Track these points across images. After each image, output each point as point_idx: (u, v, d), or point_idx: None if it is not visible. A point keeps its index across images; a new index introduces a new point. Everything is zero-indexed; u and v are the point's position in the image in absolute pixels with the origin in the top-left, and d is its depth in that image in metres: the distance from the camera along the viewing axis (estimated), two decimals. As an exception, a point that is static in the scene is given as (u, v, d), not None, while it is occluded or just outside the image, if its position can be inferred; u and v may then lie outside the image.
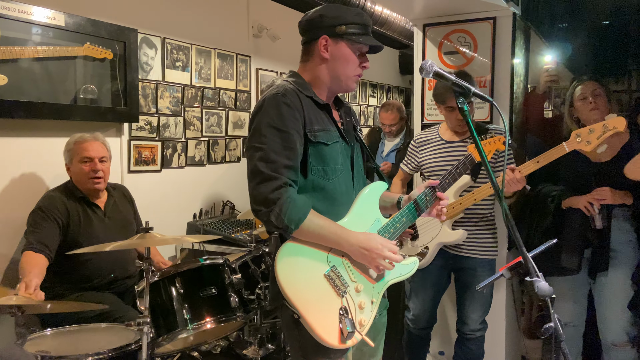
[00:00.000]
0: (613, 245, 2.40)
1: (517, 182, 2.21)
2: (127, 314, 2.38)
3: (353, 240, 1.55)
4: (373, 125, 5.97)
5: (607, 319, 2.45)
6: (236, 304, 2.23)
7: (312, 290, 1.51)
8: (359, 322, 1.56)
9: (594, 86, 2.47)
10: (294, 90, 1.60)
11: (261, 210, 1.50)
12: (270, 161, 1.51)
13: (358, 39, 1.63)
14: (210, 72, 3.76)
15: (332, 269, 1.56)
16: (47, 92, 2.68)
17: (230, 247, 3.23)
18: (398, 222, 1.70)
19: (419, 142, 2.64)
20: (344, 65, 1.65)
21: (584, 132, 2.16)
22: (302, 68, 1.71)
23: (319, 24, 1.64)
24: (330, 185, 1.62)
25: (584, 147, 2.16)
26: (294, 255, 1.53)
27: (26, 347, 1.92)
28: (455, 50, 2.93)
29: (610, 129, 2.13)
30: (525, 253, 1.44)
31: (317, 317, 1.49)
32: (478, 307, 2.53)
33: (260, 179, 1.50)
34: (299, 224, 1.50)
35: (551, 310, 1.40)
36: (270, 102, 1.56)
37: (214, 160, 3.85)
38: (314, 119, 1.60)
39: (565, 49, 3.63)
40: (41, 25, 2.60)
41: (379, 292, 1.64)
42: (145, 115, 3.27)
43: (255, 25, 4.13)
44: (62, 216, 2.45)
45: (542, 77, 3.10)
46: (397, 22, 4.46)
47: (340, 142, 1.67)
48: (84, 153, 2.54)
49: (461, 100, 1.54)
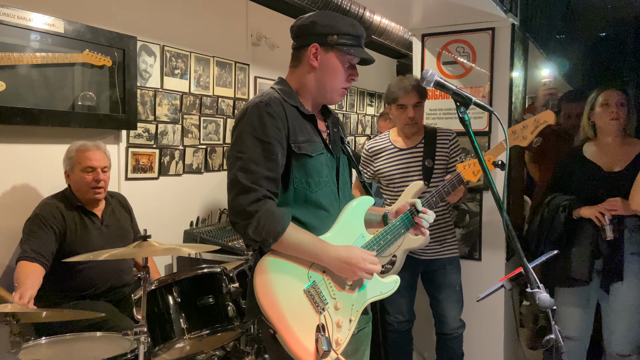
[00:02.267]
0: (624, 256, 2.39)
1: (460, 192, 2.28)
2: (122, 323, 2.35)
3: (333, 254, 1.52)
4: (371, 134, 5.98)
5: (615, 329, 2.42)
6: (234, 313, 2.21)
7: (290, 306, 1.47)
8: (335, 340, 1.52)
9: (619, 96, 2.45)
10: (279, 100, 1.56)
11: (238, 223, 1.46)
12: (250, 172, 1.47)
13: (349, 50, 1.59)
14: (209, 80, 3.76)
15: (313, 284, 1.52)
16: (45, 99, 2.67)
17: (227, 255, 3.21)
18: (382, 239, 1.67)
19: (371, 151, 2.68)
20: (332, 76, 1.61)
21: (518, 128, 2.27)
22: (290, 74, 1.68)
23: (310, 30, 1.60)
24: (314, 198, 1.58)
25: (520, 142, 2.26)
26: (274, 270, 1.49)
27: (21, 355, 1.89)
28: (454, 60, 2.95)
29: (541, 123, 2.23)
30: (526, 264, 1.43)
31: (294, 334, 1.46)
32: (454, 304, 2.59)
33: (238, 189, 1.47)
34: (278, 237, 1.46)
35: (552, 322, 1.39)
36: (253, 111, 1.52)
37: (211, 168, 3.84)
38: (298, 130, 1.57)
39: (562, 60, 3.65)
40: (40, 32, 2.59)
41: (357, 311, 1.61)
42: (144, 123, 3.26)
43: (254, 34, 4.14)
44: (58, 224, 2.43)
45: (540, 90, 3.12)
46: (396, 31, 4.48)
47: (325, 154, 1.63)
48: (87, 162, 2.51)
49: (462, 110, 1.54)
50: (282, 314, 1.46)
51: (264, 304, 1.45)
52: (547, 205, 2.56)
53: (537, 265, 1.50)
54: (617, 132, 2.47)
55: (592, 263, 2.44)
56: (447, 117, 2.96)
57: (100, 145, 2.62)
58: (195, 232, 3.43)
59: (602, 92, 2.49)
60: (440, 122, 2.96)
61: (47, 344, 2.07)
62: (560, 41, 3.79)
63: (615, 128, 2.45)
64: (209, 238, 3.37)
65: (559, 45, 3.77)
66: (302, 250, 1.51)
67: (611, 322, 2.45)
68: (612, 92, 2.47)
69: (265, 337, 1.57)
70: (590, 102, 2.53)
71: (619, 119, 2.43)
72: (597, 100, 2.49)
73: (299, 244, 1.50)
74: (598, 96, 2.50)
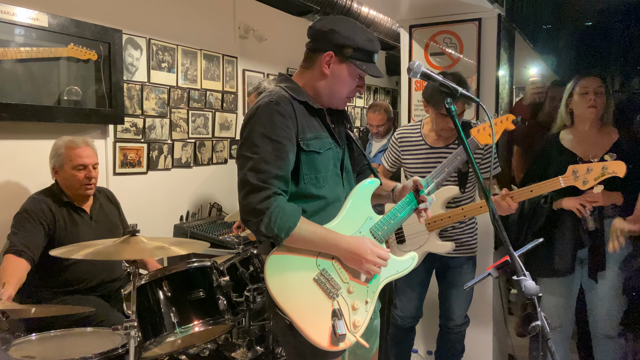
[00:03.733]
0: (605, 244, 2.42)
1: (511, 210, 2.24)
2: (112, 318, 2.35)
3: (343, 245, 1.56)
4: (360, 126, 5.99)
5: (601, 313, 2.46)
6: (224, 307, 2.21)
7: (302, 296, 1.52)
8: (352, 323, 1.56)
9: (597, 83, 2.43)
10: (288, 98, 1.59)
11: (251, 221, 1.49)
12: (261, 171, 1.50)
13: (362, 65, 1.62)
14: (197, 73, 3.73)
15: (322, 272, 1.56)
16: (31, 94, 2.64)
17: (218, 249, 3.21)
18: (392, 218, 1.69)
19: (401, 140, 2.59)
20: (341, 85, 1.64)
21: (581, 170, 2.17)
22: (299, 74, 1.69)
23: (328, 38, 1.61)
24: (322, 193, 1.62)
25: (580, 185, 2.18)
26: (282, 265, 1.53)
27: (11, 352, 1.88)
28: (442, 51, 2.95)
29: (609, 172, 2.13)
30: (512, 252, 1.46)
31: (309, 322, 1.50)
32: (463, 303, 2.57)
33: (249, 188, 1.50)
34: (289, 232, 1.49)
35: (538, 309, 1.42)
36: (263, 111, 1.54)
37: (200, 162, 3.83)
38: (307, 127, 1.60)
39: (548, 50, 3.67)
40: (24, 26, 2.56)
41: (373, 292, 1.64)
42: (131, 117, 3.24)
43: (241, 26, 4.12)
44: (48, 220, 2.41)
45: (527, 89, 3.13)
46: (384, 23, 4.48)
47: (332, 148, 1.67)
48: (79, 160, 2.49)
49: (448, 101, 1.55)
50: (296, 305, 1.51)
51: (277, 298, 1.50)
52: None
53: (521, 254, 1.52)
54: (595, 120, 2.46)
55: (574, 253, 2.46)
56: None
57: (89, 141, 2.60)
58: (185, 226, 3.43)
59: (580, 80, 2.49)
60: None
61: (38, 340, 2.06)
62: (546, 31, 3.81)
63: (592, 116, 2.44)
64: (199, 232, 3.37)
65: (545, 35, 3.79)
66: (312, 243, 1.54)
67: (596, 307, 2.49)
68: (590, 80, 2.45)
69: (281, 329, 1.59)
70: (569, 90, 2.52)
71: (597, 107, 2.43)
72: (576, 87, 2.49)
73: (310, 237, 1.53)
74: (576, 84, 2.49)
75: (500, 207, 2.22)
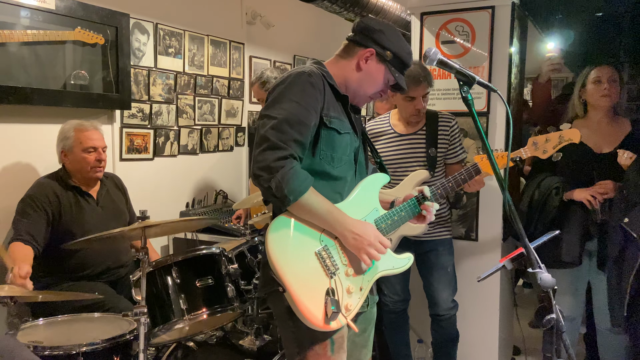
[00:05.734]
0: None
1: (480, 183, 2.30)
2: (119, 304, 2.35)
3: (347, 225, 1.55)
4: (366, 115, 5.95)
5: (603, 305, 2.46)
6: (233, 294, 2.21)
7: (301, 265, 1.50)
8: (345, 306, 1.54)
9: (611, 71, 2.41)
10: (320, 74, 1.61)
11: (262, 176, 1.47)
12: (282, 131, 1.49)
13: (395, 73, 1.68)
14: (203, 59, 3.70)
15: (324, 248, 1.55)
16: (37, 78, 2.61)
17: (224, 236, 3.20)
18: (396, 214, 1.70)
19: (370, 133, 2.63)
20: (371, 84, 1.69)
21: (540, 140, 2.22)
22: (333, 61, 1.71)
23: (375, 36, 1.66)
24: (334, 173, 1.61)
25: (540, 154, 2.22)
26: (287, 228, 1.52)
27: (18, 337, 1.88)
28: (453, 39, 2.91)
29: (565, 140, 2.19)
30: (528, 244, 1.44)
31: (303, 293, 1.48)
32: (446, 286, 2.58)
33: (267, 145, 1.48)
34: (298, 196, 1.48)
35: (553, 302, 1.40)
36: (295, 79, 1.56)
37: (206, 149, 3.81)
38: (331, 106, 1.61)
39: (561, 40, 3.62)
40: (31, 9, 2.52)
41: (369, 281, 1.63)
42: (138, 103, 3.21)
43: (248, 12, 4.07)
44: (52, 205, 2.40)
45: (544, 65, 3.05)
46: (393, 10, 4.42)
47: (351, 134, 1.67)
48: (89, 143, 2.48)
49: (465, 90, 1.52)
50: (293, 273, 1.48)
51: (274, 261, 1.47)
52: (538, 187, 2.55)
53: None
54: (608, 110, 2.44)
55: (582, 245, 2.44)
56: (445, 98, 2.93)
57: (97, 125, 2.59)
58: (191, 213, 3.42)
59: (593, 69, 2.46)
60: (439, 102, 2.94)
61: (45, 325, 2.07)
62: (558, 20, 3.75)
63: (606, 105, 2.41)
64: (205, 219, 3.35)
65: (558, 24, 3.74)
66: (317, 215, 1.53)
67: (601, 299, 2.48)
68: (604, 69, 2.43)
69: (280, 313, 1.58)
70: (582, 79, 2.49)
71: (611, 96, 2.40)
72: (589, 77, 2.46)
73: (316, 208, 1.52)
74: (590, 73, 2.46)
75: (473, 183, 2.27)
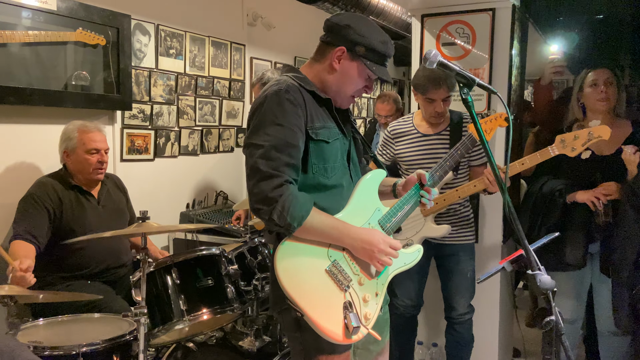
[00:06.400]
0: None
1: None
2: (117, 305, 2.35)
3: (354, 236, 1.54)
4: (367, 116, 5.96)
5: (606, 308, 2.45)
6: (233, 295, 2.21)
7: (314, 287, 1.49)
8: (364, 315, 1.54)
9: (607, 74, 2.41)
10: (296, 86, 1.56)
11: (262, 209, 1.45)
12: (272, 159, 1.46)
13: (372, 66, 1.60)
14: (204, 60, 3.70)
15: (334, 263, 1.54)
16: (38, 78, 2.62)
17: (224, 237, 3.20)
18: (400, 210, 1.69)
19: (394, 133, 2.63)
20: (348, 83, 1.62)
21: (568, 138, 2.19)
22: (309, 65, 1.67)
23: (343, 33, 1.59)
24: (330, 183, 1.59)
25: (568, 152, 2.19)
26: (294, 254, 1.50)
27: (18, 337, 1.88)
28: (454, 41, 2.91)
29: (595, 137, 2.16)
30: (527, 246, 1.44)
31: (322, 314, 1.47)
32: (464, 291, 2.56)
33: (260, 176, 1.46)
34: (302, 221, 1.46)
35: (552, 304, 1.40)
36: (272, 99, 1.51)
37: (207, 150, 3.81)
38: (315, 116, 1.57)
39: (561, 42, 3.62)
40: (32, 9, 2.53)
41: (382, 284, 1.63)
42: (139, 103, 3.22)
43: (249, 13, 4.07)
44: (53, 204, 2.41)
45: (546, 67, 3.04)
46: (393, 12, 4.42)
47: (340, 139, 1.64)
48: (92, 144, 2.49)
49: (465, 92, 1.52)
50: (308, 296, 1.47)
51: (287, 288, 1.46)
52: (540, 189, 2.54)
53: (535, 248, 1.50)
54: (607, 113, 2.43)
55: (586, 247, 2.43)
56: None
57: (100, 127, 2.60)
58: (191, 214, 3.42)
59: (590, 72, 2.45)
60: (438, 104, 2.94)
61: (45, 325, 2.07)
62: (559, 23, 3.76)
63: (604, 108, 2.40)
64: (205, 220, 3.36)
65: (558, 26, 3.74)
66: (324, 233, 1.51)
67: (603, 301, 2.47)
68: (600, 72, 2.42)
69: (288, 325, 1.57)
70: (579, 83, 2.48)
71: (608, 99, 2.39)
72: (586, 80, 2.45)
73: (321, 228, 1.50)
74: (586, 76, 2.45)
75: (493, 183, 2.25)
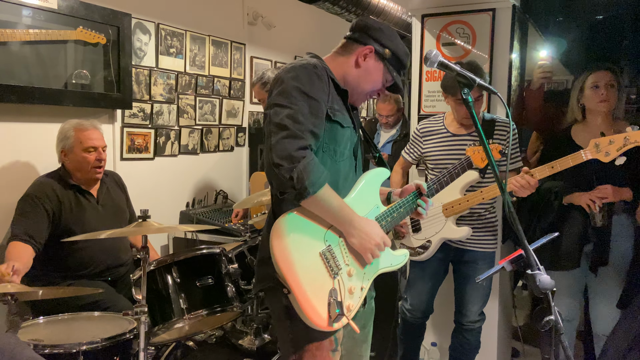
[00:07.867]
0: (612, 239, 2.41)
1: (531, 187, 2.20)
2: (119, 303, 2.35)
3: (356, 223, 1.54)
4: (366, 115, 5.96)
5: (600, 311, 2.46)
6: (233, 294, 2.22)
7: (306, 267, 1.48)
8: (346, 306, 1.54)
9: (608, 77, 2.40)
10: (323, 67, 1.59)
11: (283, 166, 1.40)
12: (298, 122, 1.45)
13: (393, 71, 1.69)
14: (205, 59, 3.70)
15: (328, 248, 1.53)
16: (38, 77, 2.62)
17: (224, 236, 3.21)
18: (395, 211, 1.70)
19: (423, 131, 2.58)
20: (368, 81, 1.68)
21: (603, 142, 2.12)
22: (331, 58, 1.69)
23: (374, 34, 1.66)
24: (336, 167, 1.60)
25: (602, 157, 2.13)
26: (294, 229, 1.48)
27: (19, 335, 1.88)
28: (454, 42, 2.92)
29: (631, 142, 2.09)
30: (527, 246, 1.44)
31: (307, 295, 1.46)
32: (478, 299, 2.52)
33: (287, 133, 1.43)
34: (318, 189, 1.44)
35: (552, 303, 1.40)
36: (301, 71, 1.53)
37: (207, 149, 3.82)
38: (334, 99, 1.60)
39: (561, 43, 3.63)
40: (33, 8, 2.53)
41: (369, 280, 1.63)
42: (139, 102, 3.22)
43: (250, 13, 4.08)
44: (52, 204, 2.40)
45: (535, 72, 3.06)
46: (394, 12, 4.42)
47: (351, 129, 1.67)
48: (89, 142, 2.48)
49: (465, 92, 1.52)
50: (297, 273, 1.46)
51: (279, 261, 1.44)
52: (538, 191, 2.55)
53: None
54: (607, 115, 2.43)
55: (581, 248, 2.44)
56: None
57: (96, 124, 2.60)
58: (191, 213, 3.42)
59: (591, 74, 2.45)
60: (439, 104, 2.95)
61: (45, 323, 2.07)
62: (559, 23, 3.77)
63: (604, 110, 2.41)
64: (205, 219, 3.36)
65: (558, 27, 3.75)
66: (330, 211, 1.50)
67: (597, 303, 2.48)
68: (601, 74, 2.42)
69: (277, 313, 1.57)
70: (579, 84, 2.49)
71: (608, 101, 2.39)
72: (586, 82, 2.45)
73: (330, 203, 1.49)
74: (587, 78, 2.45)
75: (524, 187, 2.20)
